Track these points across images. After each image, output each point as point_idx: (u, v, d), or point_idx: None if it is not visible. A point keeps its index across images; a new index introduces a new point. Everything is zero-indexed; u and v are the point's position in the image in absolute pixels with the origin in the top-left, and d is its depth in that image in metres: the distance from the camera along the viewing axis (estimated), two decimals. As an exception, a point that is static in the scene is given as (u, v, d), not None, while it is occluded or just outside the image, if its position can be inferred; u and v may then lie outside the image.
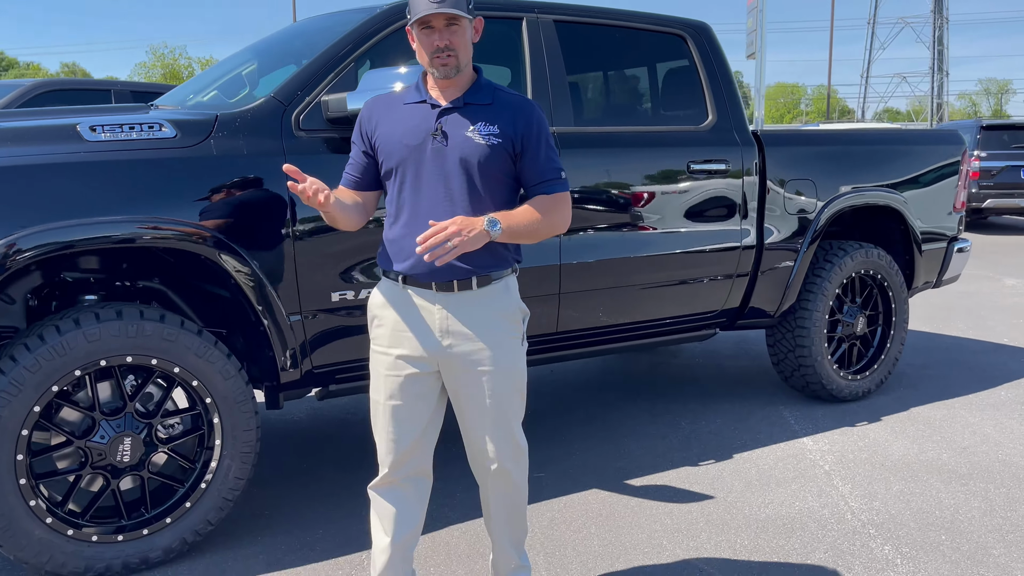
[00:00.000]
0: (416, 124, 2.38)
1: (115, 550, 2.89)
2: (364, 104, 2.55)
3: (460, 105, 2.38)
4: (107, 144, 2.87)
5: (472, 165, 2.35)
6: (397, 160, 2.40)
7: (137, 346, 2.85)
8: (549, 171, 2.43)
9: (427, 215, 2.34)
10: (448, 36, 2.32)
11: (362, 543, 3.13)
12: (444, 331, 2.38)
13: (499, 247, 2.40)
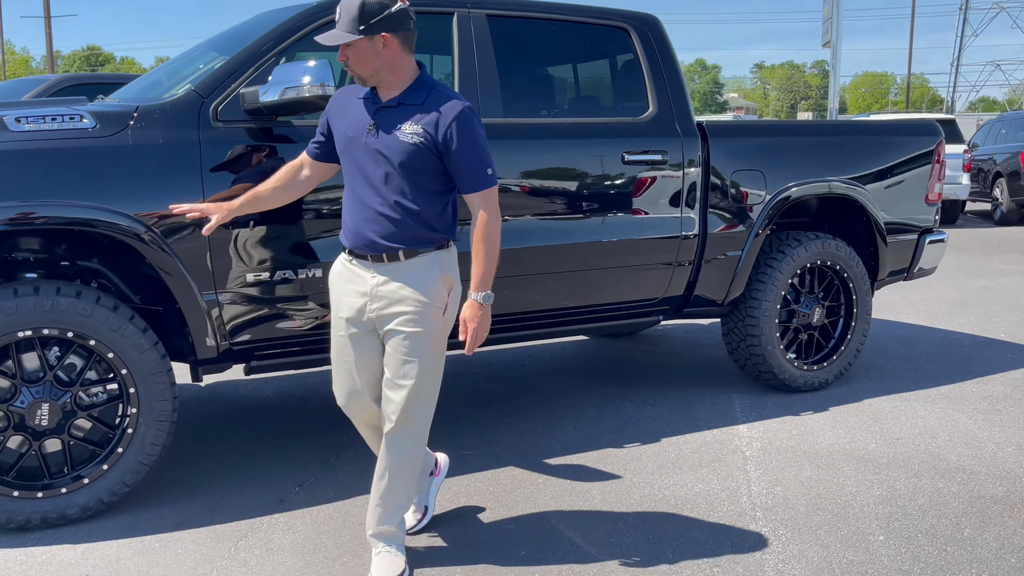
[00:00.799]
0: (358, 119, 2.74)
1: (35, 505, 3.17)
2: (336, 91, 2.95)
3: (394, 104, 2.70)
4: (29, 134, 3.14)
5: (395, 160, 2.67)
6: (341, 148, 2.81)
7: (53, 319, 3.11)
8: (476, 170, 2.70)
9: (361, 199, 2.73)
10: (346, 53, 2.68)
11: (264, 509, 3.35)
12: (374, 295, 2.73)
13: (426, 226, 2.72)
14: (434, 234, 2.74)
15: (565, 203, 4.09)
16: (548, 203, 4.05)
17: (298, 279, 3.50)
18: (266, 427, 4.37)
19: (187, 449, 4.02)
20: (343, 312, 2.81)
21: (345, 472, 3.74)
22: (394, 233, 2.69)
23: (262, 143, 3.46)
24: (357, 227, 2.74)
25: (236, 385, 5.10)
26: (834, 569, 2.90)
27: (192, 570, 2.89)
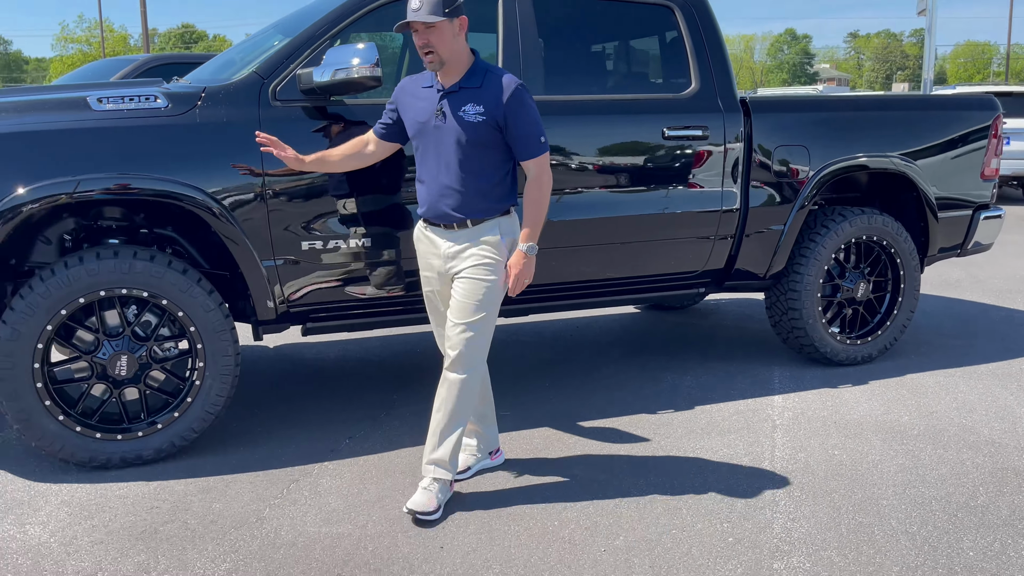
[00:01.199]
0: (425, 105, 3.12)
1: (115, 446, 3.55)
2: (400, 81, 3.32)
3: (456, 89, 3.06)
4: (110, 113, 3.48)
5: (463, 138, 3.05)
6: (413, 132, 3.20)
7: (129, 280, 3.46)
8: (532, 140, 3.08)
9: (435, 175, 3.13)
10: (427, 36, 2.97)
11: (315, 458, 3.66)
12: (448, 256, 3.16)
13: (491, 198, 3.12)
14: (498, 204, 3.14)
15: (606, 177, 4.25)
16: (589, 177, 4.22)
17: (348, 248, 3.77)
18: (325, 386, 4.70)
19: (252, 403, 4.37)
20: (426, 271, 3.28)
21: (392, 428, 4.03)
22: (464, 205, 3.09)
23: (316, 120, 3.73)
24: (432, 201, 3.14)
25: (301, 348, 5.46)
26: (841, 528, 3.03)
27: (247, 507, 3.22)
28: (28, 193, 3.29)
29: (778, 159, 4.61)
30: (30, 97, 3.66)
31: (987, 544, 2.93)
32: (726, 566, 2.80)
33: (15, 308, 3.35)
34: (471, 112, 3.02)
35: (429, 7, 2.93)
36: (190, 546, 2.93)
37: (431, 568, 2.79)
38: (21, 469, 3.56)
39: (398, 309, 4.04)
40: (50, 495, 3.32)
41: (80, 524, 3.08)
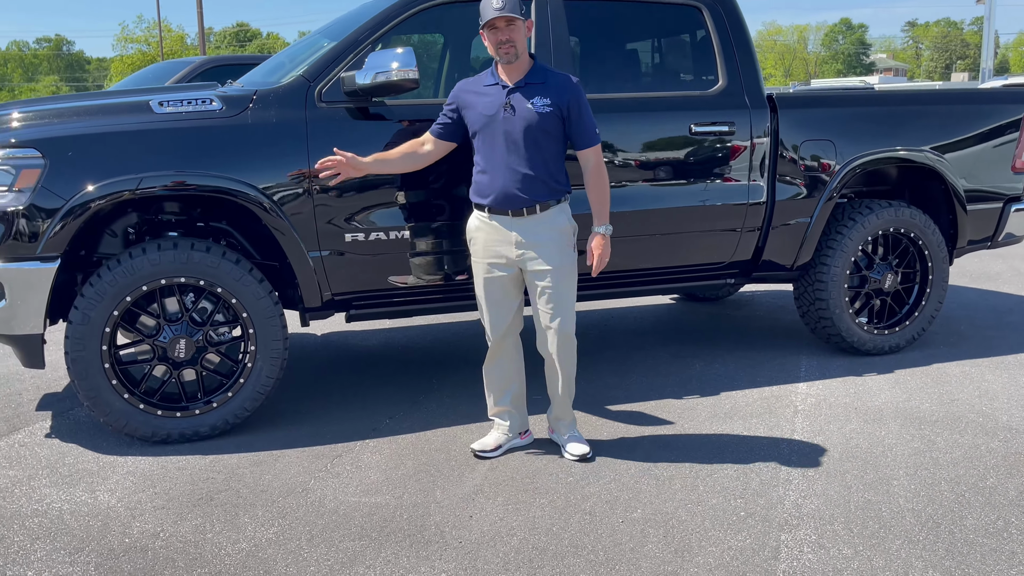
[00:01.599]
0: (491, 100, 3.44)
1: (174, 423, 3.85)
2: (457, 84, 3.62)
3: (522, 85, 3.41)
4: (170, 115, 3.78)
5: (532, 128, 3.39)
6: (480, 126, 3.47)
7: (187, 270, 3.76)
8: (589, 131, 3.48)
9: (504, 164, 3.42)
10: (508, 32, 3.35)
11: (358, 435, 3.93)
12: (518, 243, 3.44)
13: (552, 182, 3.44)
14: (560, 187, 3.48)
15: (636, 172, 4.43)
16: (619, 172, 4.39)
17: (388, 239, 4.02)
18: (368, 370, 4.97)
19: (301, 385, 4.66)
20: (488, 258, 3.51)
21: (429, 409, 4.27)
22: (533, 189, 3.41)
23: (358, 120, 3.97)
24: (504, 188, 3.41)
25: (347, 335, 5.74)
26: (849, 505, 3.19)
27: (295, 479, 3.49)
28: (96, 190, 3.59)
29: (804, 154, 4.74)
30: (98, 101, 3.98)
31: (990, 521, 3.06)
32: (736, 537, 2.98)
33: (85, 295, 3.67)
34: (539, 104, 3.37)
35: (512, 6, 3.31)
36: (242, 512, 3.21)
37: (460, 534, 3.02)
38: (91, 443, 3.88)
39: (436, 297, 4.28)
40: (117, 466, 3.63)
41: (143, 491, 3.38)
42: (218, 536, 3.03)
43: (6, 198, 3.57)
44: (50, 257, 3.61)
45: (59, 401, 4.48)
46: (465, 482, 3.44)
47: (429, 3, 4.14)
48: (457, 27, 4.71)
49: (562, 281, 3.48)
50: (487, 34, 3.40)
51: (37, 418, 4.23)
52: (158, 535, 3.04)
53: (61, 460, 3.70)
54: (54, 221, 3.57)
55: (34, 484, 3.46)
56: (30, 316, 3.65)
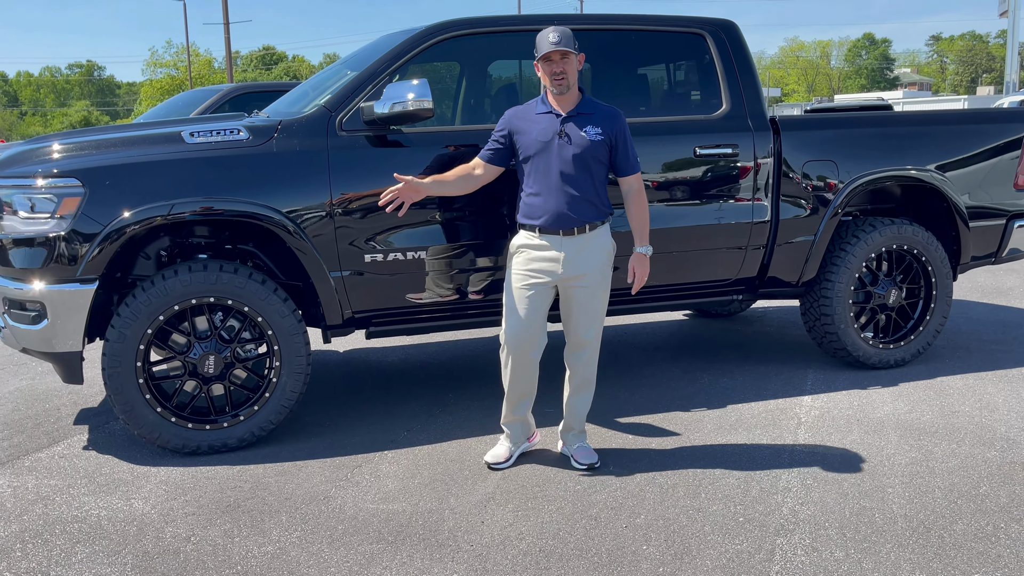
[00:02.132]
0: (546, 127, 3.68)
1: (203, 435, 4.07)
2: (507, 112, 3.83)
3: (574, 115, 3.67)
4: (200, 145, 4.02)
5: (585, 154, 3.64)
6: (533, 151, 3.68)
7: (216, 290, 3.98)
8: (632, 159, 3.76)
9: (556, 187, 3.65)
10: (562, 65, 3.60)
11: (377, 447, 4.12)
12: (567, 263, 3.66)
13: (599, 204, 3.69)
14: (606, 209, 3.74)
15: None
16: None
17: (406, 260, 4.22)
18: (388, 385, 5.17)
19: (324, 399, 4.87)
20: (530, 271, 3.69)
21: (446, 422, 4.46)
22: (584, 210, 3.65)
23: (377, 147, 4.20)
24: (557, 209, 3.63)
25: (368, 352, 5.95)
26: (844, 511, 3.33)
27: (316, 487, 3.68)
28: (132, 216, 3.83)
29: (807, 174, 4.90)
30: (134, 133, 4.23)
31: (980, 527, 3.19)
32: (734, 541, 3.13)
33: (121, 315, 3.90)
34: (592, 132, 3.63)
35: (567, 41, 3.58)
36: (267, 518, 3.41)
37: (472, 538, 3.20)
38: (126, 454, 4.11)
39: (451, 314, 4.48)
40: (150, 475, 3.84)
41: (176, 499, 3.59)
42: (245, 540, 3.23)
43: (49, 224, 3.82)
44: (89, 279, 3.85)
45: (96, 415, 4.72)
46: (478, 490, 3.62)
47: (442, 36, 4.37)
48: (473, 56, 4.93)
49: (599, 296, 3.74)
50: (542, 65, 3.64)
51: (75, 431, 4.47)
52: (189, 539, 3.25)
53: (98, 470, 3.92)
54: (93, 245, 3.81)
55: (73, 492, 3.69)
56: (70, 335, 3.90)
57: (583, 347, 3.81)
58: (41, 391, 5.19)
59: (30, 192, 3.87)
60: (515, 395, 3.85)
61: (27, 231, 3.86)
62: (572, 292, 3.72)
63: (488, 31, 4.55)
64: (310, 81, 5.44)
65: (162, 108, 9.40)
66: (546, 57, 3.60)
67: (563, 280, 3.69)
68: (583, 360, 3.83)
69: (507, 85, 4.94)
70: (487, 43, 4.70)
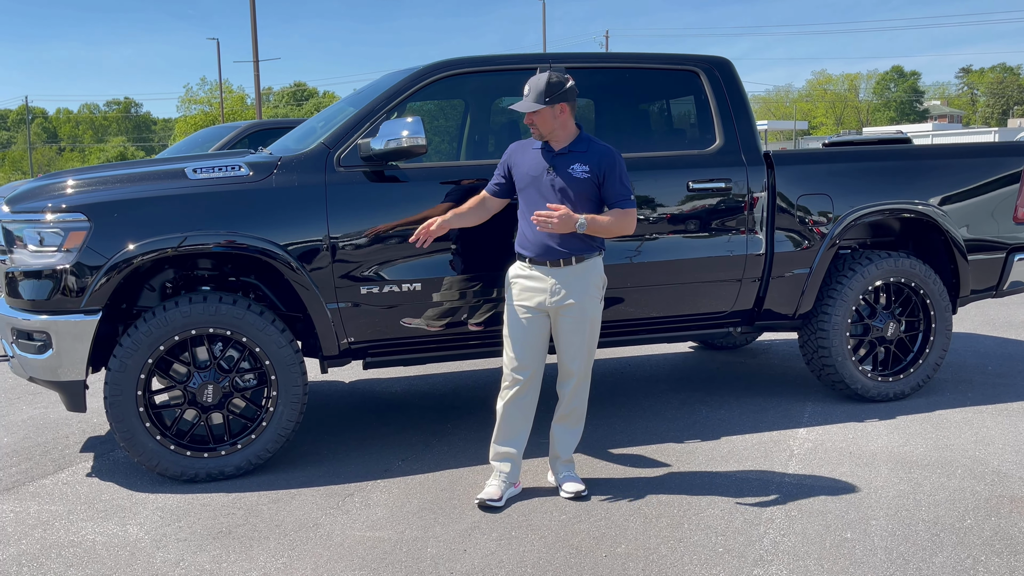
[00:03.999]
0: (537, 162, 3.80)
1: (202, 463, 4.17)
2: (510, 146, 3.97)
3: (566, 152, 3.78)
4: (203, 181, 4.17)
5: (569, 190, 3.74)
6: (525, 184, 3.83)
7: (215, 321, 4.10)
8: (620, 194, 3.77)
9: None
10: (531, 118, 3.76)
11: (371, 476, 4.19)
12: (553, 292, 3.74)
13: (588, 239, 3.76)
14: (593, 243, 3.80)
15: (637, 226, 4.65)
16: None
17: (401, 292, 4.32)
18: (388, 414, 5.25)
19: (323, 428, 4.96)
20: (524, 302, 3.79)
21: (441, 452, 4.52)
22: (571, 243, 3.73)
23: (373, 183, 4.32)
24: (542, 241, 3.72)
25: (372, 383, 6.04)
26: (825, 543, 3.34)
27: (308, 515, 3.76)
28: (135, 248, 3.97)
29: (801, 207, 4.95)
30: (141, 169, 4.40)
31: (959, 560, 3.19)
32: (711, 571, 3.15)
33: (123, 345, 4.03)
34: (579, 170, 3.73)
35: (533, 97, 3.70)
36: (256, 544, 3.49)
37: (453, 566, 3.25)
38: (126, 481, 4.22)
39: (447, 345, 4.56)
40: (147, 502, 3.94)
41: (169, 525, 3.68)
42: (232, 566, 3.31)
43: (55, 257, 3.98)
44: (93, 310, 3.99)
45: (102, 443, 4.84)
46: (465, 519, 3.67)
47: (438, 75, 4.51)
48: (468, 94, 5.06)
49: (587, 328, 3.80)
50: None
51: (81, 459, 4.59)
52: (179, 564, 3.33)
53: (98, 496, 4.03)
54: (97, 277, 3.95)
55: (72, 518, 3.79)
56: (74, 364, 4.03)
57: (569, 376, 3.88)
58: (52, 420, 5.33)
59: (39, 226, 4.03)
60: (509, 423, 3.88)
61: (35, 264, 4.01)
62: (559, 321, 3.80)
63: (483, 70, 4.68)
64: (318, 116, 5.60)
65: (184, 144, 9.67)
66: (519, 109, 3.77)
67: (551, 309, 3.78)
68: (569, 390, 3.90)
69: (503, 122, 5.05)
70: (482, 82, 4.83)
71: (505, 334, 3.87)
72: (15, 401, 5.79)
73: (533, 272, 3.78)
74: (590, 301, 3.80)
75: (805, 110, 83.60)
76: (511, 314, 3.85)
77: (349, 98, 5.35)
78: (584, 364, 3.87)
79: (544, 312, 3.80)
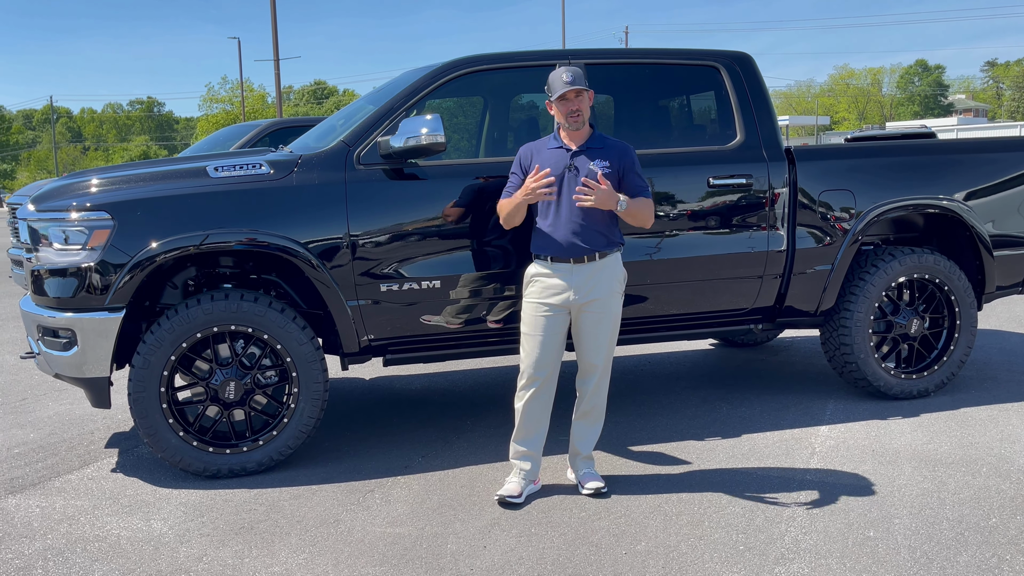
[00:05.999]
0: (557, 161, 3.80)
1: (224, 459, 4.20)
2: (522, 148, 3.94)
3: (584, 149, 3.80)
4: (224, 179, 4.20)
5: None
6: None
7: (237, 318, 4.13)
8: (640, 186, 3.85)
9: (566, 218, 3.76)
10: (577, 103, 3.75)
11: (391, 472, 4.21)
12: (578, 289, 3.75)
13: (609, 234, 3.78)
14: (615, 239, 3.84)
15: (658, 223, 4.61)
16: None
17: (421, 289, 4.33)
18: (409, 411, 5.26)
19: (345, 425, 4.98)
20: (544, 300, 3.78)
21: (461, 448, 4.53)
22: (593, 239, 3.75)
23: (393, 180, 4.33)
24: (566, 238, 3.74)
25: (392, 380, 6.07)
26: (847, 541, 3.32)
27: (329, 511, 3.78)
28: (159, 246, 4.01)
29: (823, 203, 4.91)
30: (163, 168, 4.43)
31: (984, 559, 3.15)
32: (731, 569, 3.14)
33: (146, 342, 4.07)
34: (600, 165, 3.75)
35: (579, 80, 3.72)
36: (278, 540, 3.51)
37: (473, 563, 3.26)
38: (150, 477, 4.26)
39: (466, 342, 4.57)
40: (171, 498, 3.98)
41: (192, 521, 3.71)
42: (255, 561, 3.33)
43: (80, 255, 4.02)
44: (117, 307, 4.03)
45: (127, 439, 4.89)
46: (484, 515, 3.68)
47: (458, 72, 4.51)
48: (488, 91, 5.06)
49: (610, 323, 3.83)
50: (557, 105, 3.76)
51: (106, 454, 4.64)
52: (202, 559, 3.36)
53: (123, 492, 4.07)
54: (121, 275, 3.99)
55: (97, 513, 3.83)
56: (99, 360, 4.07)
57: (592, 372, 3.87)
58: (78, 416, 5.39)
59: (64, 225, 4.08)
60: (529, 422, 3.88)
61: (60, 262, 4.06)
62: (582, 318, 3.80)
63: (503, 67, 4.67)
64: (339, 114, 5.62)
65: (205, 143, 9.74)
66: (562, 96, 3.73)
67: (574, 306, 3.77)
68: (591, 386, 3.89)
69: (524, 119, 5.05)
70: (502, 79, 4.83)
71: (524, 332, 3.87)
72: (41, 398, 5.86)
73: (554, 270, 3.78)
74: (613, 297, 3.82)
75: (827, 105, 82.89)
76: (531, 312, 3.84)
77: (369, 96, 5.36)
78: (606, 360, 3.87)
79: (566, 310, 3.79)
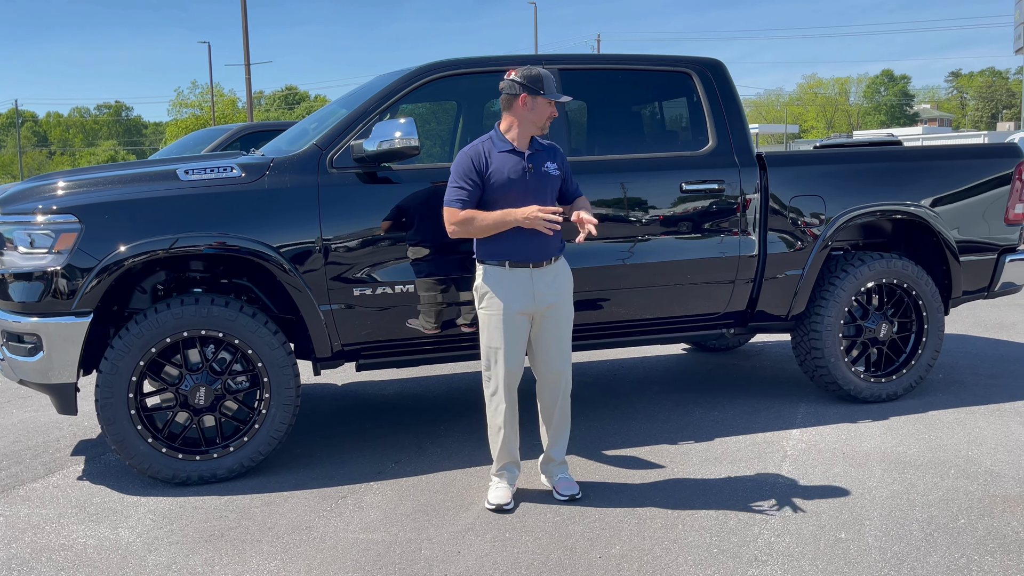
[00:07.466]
0: (514, 165, 3.73)
1: (193, 466, 4.14)
2: (467, 154, 3.73)
3: (532, 152, 3.78)
4: (195, 182, 4.15)
5: (548, 188, 3.79)
6: (505, 188, 3.71)
7: (207, 323, 4.08)
8: (578, 186, 3.98)
9: None
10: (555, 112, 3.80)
11: (364, 478, 4.17)
12: (536, 294, 3.72)
13: (559, 236, 3.77)
14: (563, 241, 3.86)
15: (630, 228, 4.67)
16: (616, 228, 4.64)
17: (394, 293, 4.31)
18: (382, 417, 5.23)
19: (317, 431, 4.94)
20: (507, 308, 3.70)
21: (434, 454, 4.51)
22: (549, 243, 3.74)
23: (366, 184, 4.31)
24: (524, 243, 3.68)
25: (365, 385, 6.03)
26: (819, 543, 3.34)
27: (301, 517, 3.74)
28: (128, 250, 3.95)
29: (794, 209, 4.96)
30: (132, 171, 4.37)
31: (953, 559, 3.19)
32: (706, 572, 3.15)
33: (114, 347, 4.00)
34: (551, 167, 3.79)
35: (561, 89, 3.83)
36: (249, 547, 3.46)
37: (447, 568, 3.23)
38: (118, 484, 4.19)
39: (439, 347, 4.55)
40: (139, 505, 3.91)
41: (161, 528, 3.66)
42: (225, 568, 3.29)
43: (46, 259, 3.95)
44: (84, 312, 3.96)
45: (93, 446, 4.81)
46: (458, 520, 3.66)
47: (431, 76, 4.50)
48: (462, 95, 5.06)
49: (569, 327, 3.84)
50: (544, 106, 3.71)
51: (72, 462, 4.56)
52: (171, 567, 3.31)
53: (89, 500, 4.00)
54: (88, 279, 3.92)
55: (63, 522, 3.76)
56: (65, 366, 4.00)
57: (558, 378, 3.83)
58: (42, 423, 5.30)
59: (29, 228, 4.01)
60: (512, 434, 3.82)
61: (26, 266, 3.98)
62: (544, 323, 3.77)
63: (476, 71, 4.67)
64: (311, 118, 5.58)
65: (176, 146, 9.63)
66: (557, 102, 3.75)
67: (536, 311, 3.74)
68: (560, 392, 3.86)
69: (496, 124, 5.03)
70: (475, 83, 4.82)
71: (492, 347, 3.73)
72: (5, 405, 5.75)
73: (514, 275, 3.70)
74: (569, 300, 3.85)
75: (796, 114, 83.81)
76: (496, 325, 3.71)
77: (341, 100, 5.33)
78: (568, 363, 3.87)
79: (528, 316, 3.74)
